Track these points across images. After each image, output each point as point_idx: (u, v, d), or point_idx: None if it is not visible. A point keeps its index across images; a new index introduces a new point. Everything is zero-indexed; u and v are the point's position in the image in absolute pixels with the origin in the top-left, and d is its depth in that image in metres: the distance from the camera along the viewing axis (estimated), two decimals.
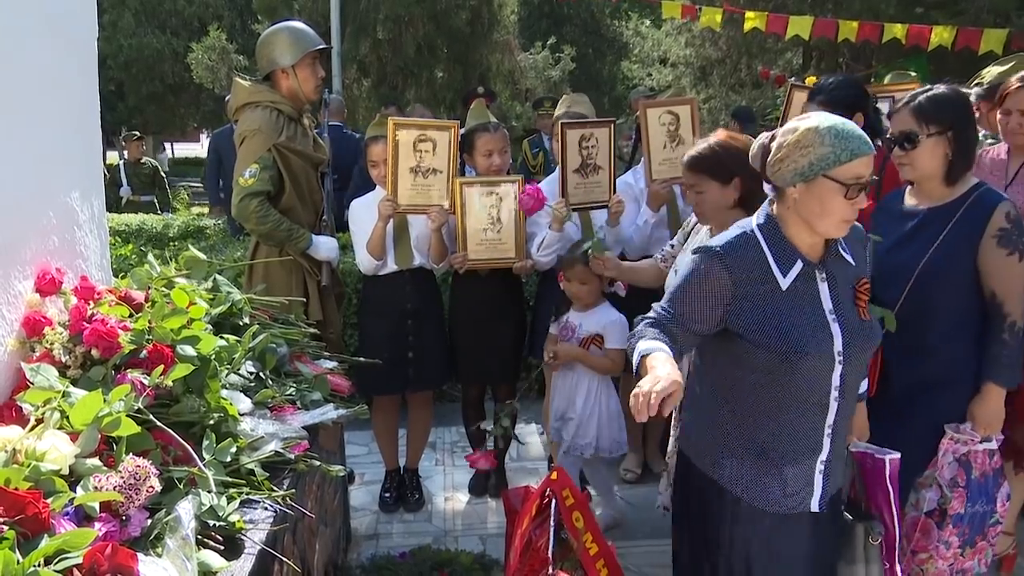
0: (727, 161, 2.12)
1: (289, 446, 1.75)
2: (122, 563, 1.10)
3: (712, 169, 2.13)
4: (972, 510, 2.13)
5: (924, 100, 2.14)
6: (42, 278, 1.72)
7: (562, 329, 2.91)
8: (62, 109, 1.91)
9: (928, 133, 2.10)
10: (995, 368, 2.08)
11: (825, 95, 2.65)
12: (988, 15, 7.51)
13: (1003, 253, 2.06)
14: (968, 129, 2.14)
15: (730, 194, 2.12)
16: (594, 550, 2.01)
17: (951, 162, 2.12)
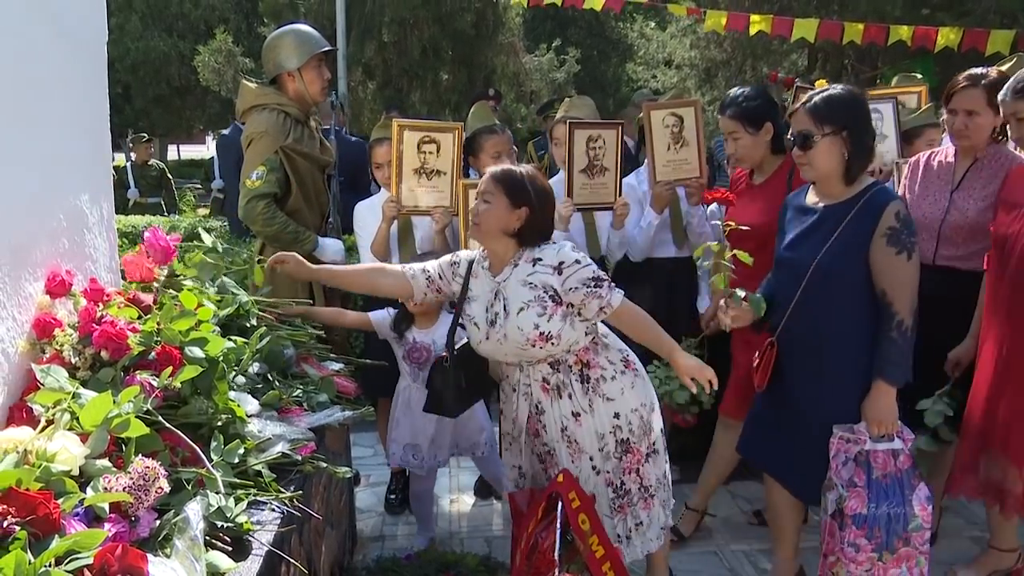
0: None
1: (296, 447, 1.76)
2: (132, 564, 1.11)
3: None
4: (878, 512, 2.12)
5: (819, 100, 2.20)
6: (52, 280, 1.73)
7: (412, 350, 2.74)
8: (72, 112, 1.92)
9: (823, 133, 2.15)
10: (884, 366, 2.10)
11: (735, 108, 2.68)
12: (995, 16, 7.49)
13: (892, 252, 2.10)
14: (863, 129, 2.18)
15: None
16: (600, 553, 2.01)
17: (848, 161, 2.16)
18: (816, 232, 2.21)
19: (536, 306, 2.06)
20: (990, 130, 2.56)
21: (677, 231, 3.13)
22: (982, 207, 2.52)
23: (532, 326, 2.05)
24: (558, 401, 2.18)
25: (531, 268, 2.09)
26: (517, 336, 2.08)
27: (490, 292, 2.15)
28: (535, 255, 2.11)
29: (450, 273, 2.27)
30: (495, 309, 2.13)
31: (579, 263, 2.07)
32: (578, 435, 2.18)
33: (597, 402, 2.17)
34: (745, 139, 2.68)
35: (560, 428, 2.18)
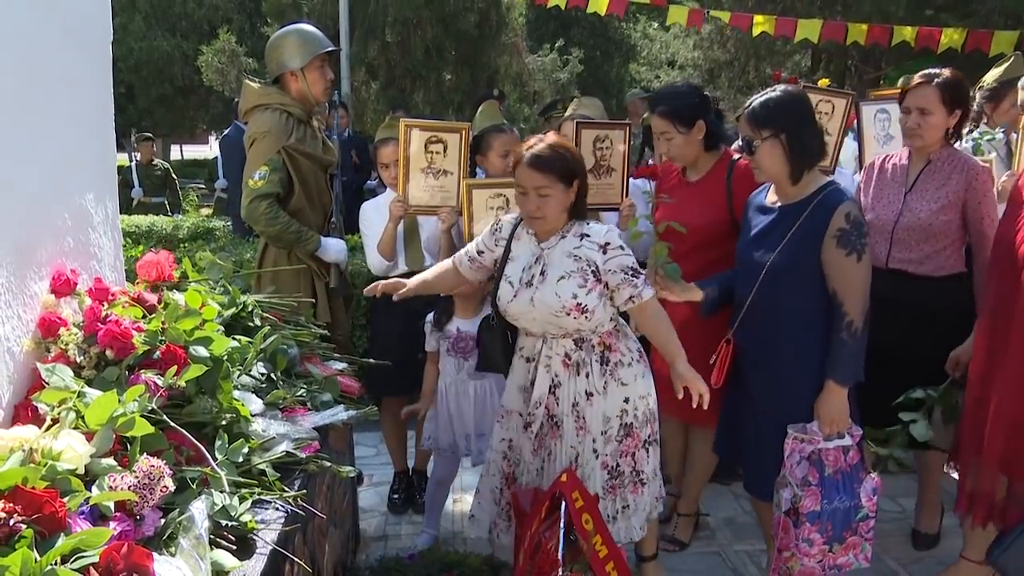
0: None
1: (300, 447, 1.76)
2: (138, 562, 1.11)
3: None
4: (831, 507, 2.18)
5: (757, 105, 2.23)
6: (57, 279, 1.73)
7: (457, 341, 2.73)
8: (77, 112, 1.93)
9: (762, 137, 2.18)
10: (835, 366, 2.13)
11: (666, 105, 2.64)
12: (999, 17, 7.48)
13: (842, 253, 2.11)
14: (802, 129, 2.19)
15: None
16: (604, 552, 2.01)
17: (790, 162, 2.18)
18: (773, 232, 2.24)
19: (578, 277, 2.11)
20: (943, 130, 2.53)
21: None
22: (934, 209, 2.51)
23: (570, 295, 2.10)
24: (575, 378, 2.20)
25: (578, 242, 2.15)
26: (552, 301, 2.11)
27: (531, 256, 2.20)
28: (583, 230, 2.16)
29: (492, 242, 2.31)
30: (532, 271, 2.17)
31: (623, 249, 2.14)
32: (587, 414, 2.20)
33: (612, 385, 2.20)
34: (677, 139, 2.62)
35: (572, 403, 2.21)
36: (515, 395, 2.33)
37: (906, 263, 2.57)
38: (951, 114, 2.51)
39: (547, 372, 2.23)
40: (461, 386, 2.75)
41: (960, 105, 2.52)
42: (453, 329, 2.74)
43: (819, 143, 2.24)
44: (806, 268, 2.17)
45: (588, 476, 2.20)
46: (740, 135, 2.32)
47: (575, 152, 2.19)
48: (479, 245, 2.35)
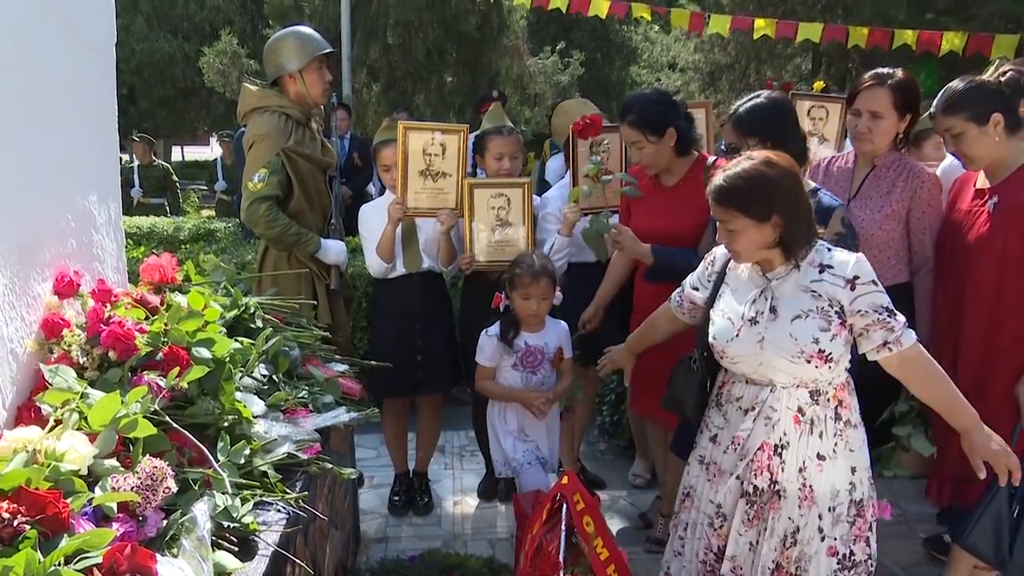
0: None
1: (301, 448, 1.76)
2: (141, 563, 1.11)
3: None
4: None
5: (743, 113, 2.22)
6: (60, 280, 1.73)
7: (526, 355, 2.66)
8: (81, 113, 1.93)
9: (749, 145, 2.13)
10: None
11: (634, 114, 2.59)
12: (999, 20, 7.49)
13: None
14: (788, 137, 2.16)
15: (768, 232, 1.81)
16: (605, 555, 2.01)
17: None
18: None
19: (819, 319, 1.78)
20: (893, 135, 2.43)
21: None
22: (877, 218, 2.42)
23: (811, 340, 1.78)
24: (807, 437, 1.85)
25: (816, 274, 1.81)
26: (787, 345, 1.80)
27: (755, 288, 1.89)
28: (823, 259, 1.82)
29: (706, 277, 2.06)
30: (758, 307, 1.86)
31: (875, 284, 1.79)
32: (816, 482, 1.85)
33: (841, 449, 1.87)
34: (648, 147, 2.58)
35: (799, 468, 1.85)
36: (728, 452, 1.94)
37: None
38: (902, 118, 2.42)
39: (766, 426, 1.87)
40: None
41: (911, 109, 2.43)
42: (521, 343, 2.66)
43: (803, 151, 2.23)
44: None
45: (808, 559, 1.85)
46: (724, 142, 2.29)
47: (778, 177, 1.77)
48: (693, 282, 2.09)
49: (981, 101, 2.19)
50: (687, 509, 2.07)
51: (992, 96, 2.20)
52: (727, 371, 1.99)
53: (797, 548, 1.85)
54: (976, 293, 2.27)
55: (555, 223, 3.01)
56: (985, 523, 2.05)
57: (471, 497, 3.41)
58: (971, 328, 2.29)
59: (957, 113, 2.21)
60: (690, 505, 2.06)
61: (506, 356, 2.68)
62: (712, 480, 1.99)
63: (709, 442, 2.02)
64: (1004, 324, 2.23)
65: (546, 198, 3.23)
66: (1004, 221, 2.20)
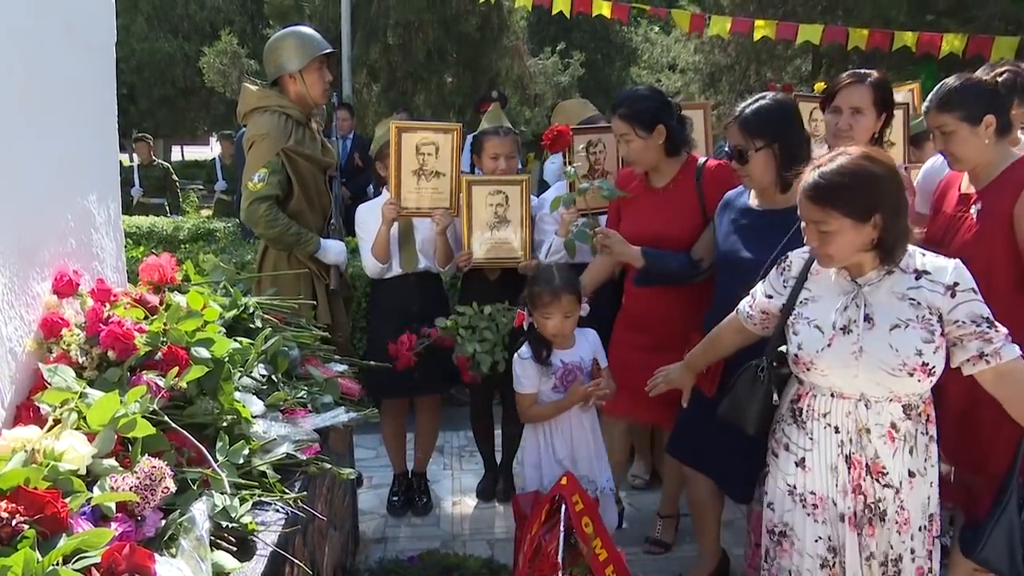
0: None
1: (300, 448, 1.76)
2: (139, 563, 1.11)
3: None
4: None
5: (749, 114, 2.21)
6: (60, 280, 1.74)
7: (566, 374, 2.47)
8: (81, 113, 1.93)
9: (756, 148, 2.18)
10: None
11: (626, 107, 2.57)
12: (999, 22, 7.49)
13: None
14: (793, 139, 2.19)
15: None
16: (603, 556, 2.01)
17: (780, 172, 2.19)
18: (765, 236, 2.23)
19: (920, 329, 1.68)
20: (873, 131, 2.44)
21: None
22: None
23: (913, 351, 1.67)
24: (902, 455, 1.75)
25: (912, 281, 1.72)
26: (888, 357, 1.68)
27: (843, 294, 1.77)
28: (917, 264, 1.73)
29: (780, 283, 1.93)
30: (850, 315, 1.74)
31: (975, 292, 1.69)
32: (909, 502, 1.76)
33: (929, 464, 1.79)
34: (637, 142, 2.55)
35: (895, 489, 1.76)
36: (823, 476, 1.80)
37: None
38: (879, 116, 2.44)
39: (865, 447, 1.76)
40: (574, 419, 2.46)
41: (887, 108, 2.46)
42: (557, 363, 2.45)
43: (807, 152, 2.24)
44: None
45: None
46: (727, 143, 2.28)
47: (882, 173, 1.67)
48: (766, 290, 1.96)
49: (976, 101, 2.18)
50: (786, 553, 1.86)
51: (987, 97, 2.19)
52: (803, 383, 1.84)
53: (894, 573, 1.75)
54: None
55: (553, 224, 3.01)
56: (998, 537, 2.00)
57: (470, 497, 3.41)
58: None
59: (951, 111, 2.19)
60: (789, 548, 1.85)
61: (544, 378, 2.46)
62: (812, 512, 1.81)
63: (796, 467, 1.84)
64: None
65: (543, 199, 3.24)
66: (989, 227, 2.19)
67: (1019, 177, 2.16)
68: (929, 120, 2.27)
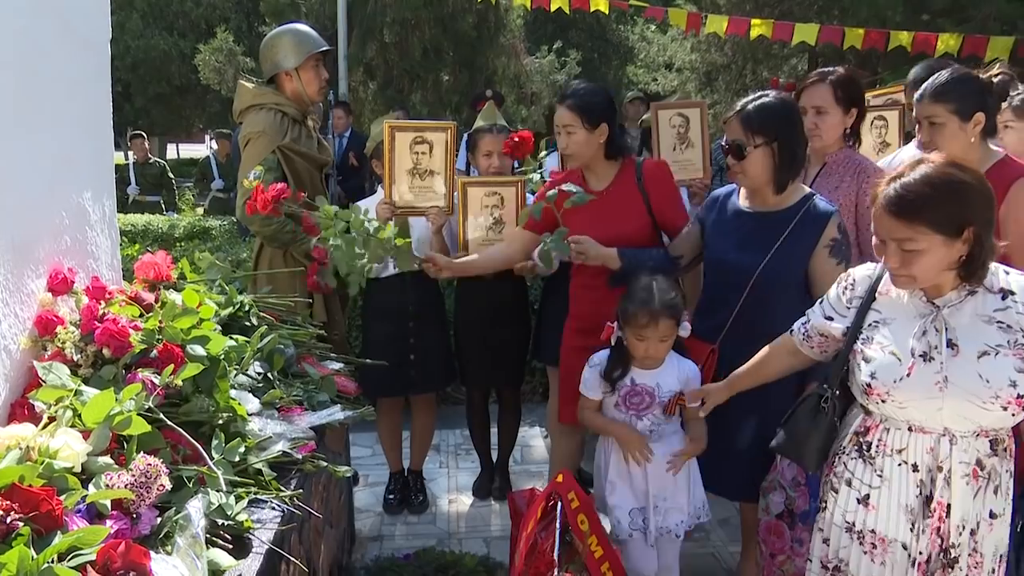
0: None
1: (296, 446, 1.76)
2: (135, 560, 1.11)
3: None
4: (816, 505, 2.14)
5: (752, 110, 2.19)
6: (54, 277, 1.73)
7: (631, 394, 2.25)
8: (76, 110, 1.93)
9: (755, 144, 2.16)
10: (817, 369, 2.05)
11: (575, 100, 2.53)
12: (994, 23, 7.51)
13: (834, 263, 2.14)
14: (794, 139, 2.19)
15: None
16: (599, 553, 2.01)
17: (778, 172, 2.18)
18: (758, 237, 2.22)
19: (1013, 356, 1.53)
20: (840, 129, 2.46)
21: None
22: None
23: (1007, 382, 1.51)
24: (984, 494, 1.60)
25: (999, 301, 1.57)
26: (977, 388, 1.53)
27: (919, 317, 1.61)
28: (1000, 283, 1.58)
29: (843, 304, 1.76)
30: (930, 340, 1.58)
31: None
32: (985, 544, 1.62)
33: (1008, 504, 1.64)
34: (580, 134, 2.50)
35: (971, 530, 1.61)
36: (893, 516, 1.65)
37: None
38: (847, 113, 2.45)
39: (947, 485, 1.60)
40: (654, 450, 2.27)
41: (855, 103, 2.46)
42: (626, 380, 2.26)
43: (804, 154, 2.25)
44: (795, 276, 2.19)
45: None
46: (725, 139, 2.26)
47: (972, 182, 1.53)
48: (825, 310, 1.80)
49: (970, 96, 2.18)
50: None
51: (981, 94, 2.19)
52: (871, 414, 1.69)
53: None
54: None
55: None
56: None
57: (466, 495, 3.41)
58: None
59: (944, 102, 2.19)
60: None
61: (607, 394, 2.33)
62: (871, 552, 1.67)
63: (858, 504, 1.69)
64: None
65: None
66: None
67: (1004, 177, 2.16)
68: (919, 109, 2.26)
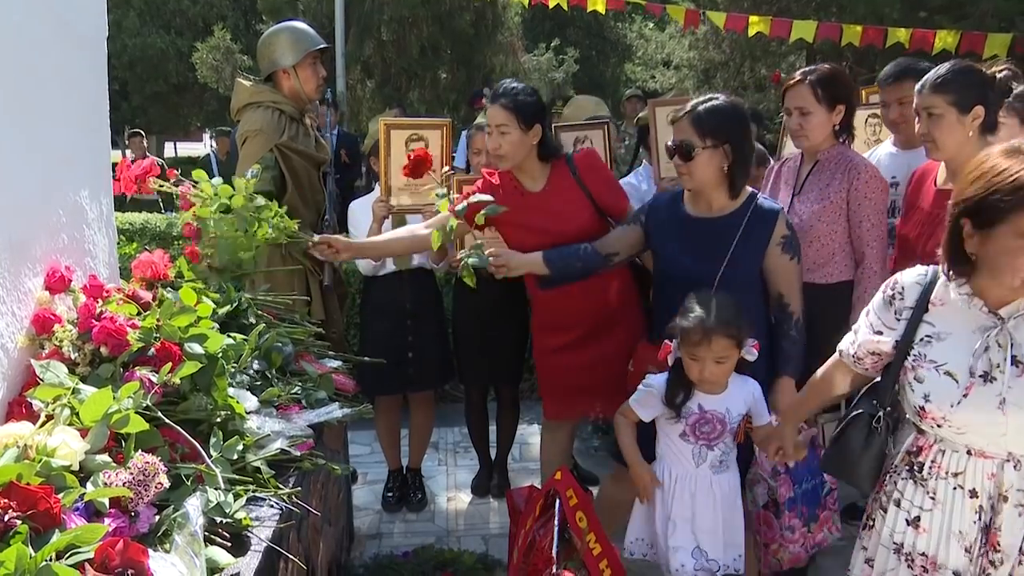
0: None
1: (295, 444, 1.76)
2: (133, 558, 1.11)
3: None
4: (801, 490, 2.23)
5: (703, 111, 2.19)
6: (52, 276, 1.73)
7: (700, 422, 2.07)
8: (72, 108, 1.92)
9: (705, 145, 2.16)
10: (789, 362, 2.21)
11: (510, 99, 2.49)
12: (992, 19, 7.51)
13: (787, 258, 2.21)
14: (745, 142, 2.21)
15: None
16: (597, 550, 2.01)
17: (730, 174, 2.19)
18: (709, 245, 2.22)
19: None
20: (827, 128, 2.43)
21: None
22: (817, 211, 2.41)
23: None
24: None
25: None
26: None
27: (980, 331, 1.47)
28: None
29: (892, 317, 1.60)
30: (992, 357, 1.45)
31: None
32: None
33: None
34: (515, 134, 2.46)
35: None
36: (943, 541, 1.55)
37: None
38: (832, 110, 2.43)
39: (1012, 514, 1.49)
40: (701, 482, 2.09)
41: (840, 100, 2.43)
42: (694, 407, 2.07)
43: (753, 156, 2.28)
44: (751, 277, 2.22)
45: None
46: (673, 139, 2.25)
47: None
48: (873, 324, 1.64)
49: (970, 89, 2.18)
50: None
51: (982, 87, 2.19)
52: (924, 433, 1.58)
53: None
54: None
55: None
56: None
57: (464, 493, 3.42)
58: None
59: (943, 93, 2.18)
60: None
61: (671, 421, 2.11)
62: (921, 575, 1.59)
63: (908, 526, 1.59)
64: None
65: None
66: None
67: None
68: (919, 100, 2.26)
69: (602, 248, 2.40)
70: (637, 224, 2.40)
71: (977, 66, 2.26)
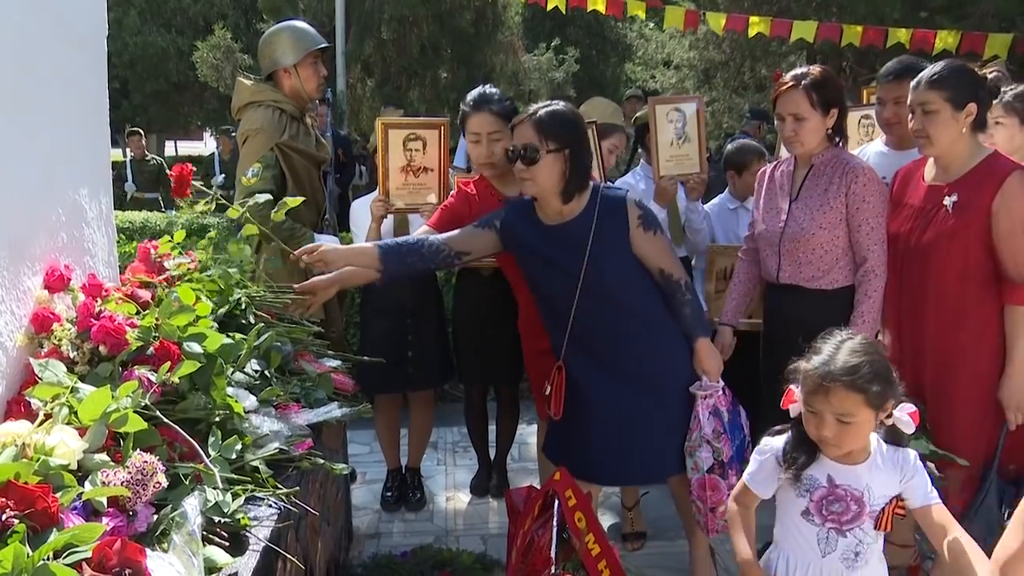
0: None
1: (293, 444, 1.76)
2: (131, 557, 1.11)
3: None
4: (735, 445, 2.31)
5: (545, 115, 2.20)
6: (51, 275, 1.73)
7: (830, 499, 1.62)
8: (72, 107, 1.92)
9: (548, 149, 2.17)
10: (695, 325, 2.31)
11: (499, 106, 2.56)
12: (993, 20, 7.50)
13: (651, 235, 2.26)
14: (584, 149, 2.24)
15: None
16: (596, 551, 2.01)
17: (567, 181, 2.20)
18: (567, 251, 2.23)
19: None
20: (822, 132, 2.40)
21: (675, 229, 3.14)
22: (818, 218, 2.39)
23: None
24: None
25: None
26: None
27: None
28: None
29: None
30: None
31: None
32: None
33: None
34: (507, 141, 2.43)
35: None
36: None
37: (799, 278, 2.45)
38: (826, 115, 2.39)
39: None
40: (829, 574, 1.66)
41: (834, 104, 2.40)
42: (821, 478, 1.64)
43: (591, 164, 2.31)
44: (622, 266, 2.24)
45: None
46: (514, 143, 2.25)
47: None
48: None
49: (965, 86, 2.19)
50: None
51: (975, 85, 2.21)
52: None
53: None
54: (938, 294, 2.26)
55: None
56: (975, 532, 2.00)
57: (463, 493, 3.42)
58: (932, 328, 2.27)
59: (939, 89, 2.19)
60: None
61: (792, 492, 1.68)
62: None
63: None
64: (964, 325, 2.23)
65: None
66: (965, 221, 2.19)
67: (997, 171, 2.18)
68: (914, 96, 2.26)
69: (454, 245, 2.34)
70: (491, 230, 2.35)
71: (970, 65, 2.28)
